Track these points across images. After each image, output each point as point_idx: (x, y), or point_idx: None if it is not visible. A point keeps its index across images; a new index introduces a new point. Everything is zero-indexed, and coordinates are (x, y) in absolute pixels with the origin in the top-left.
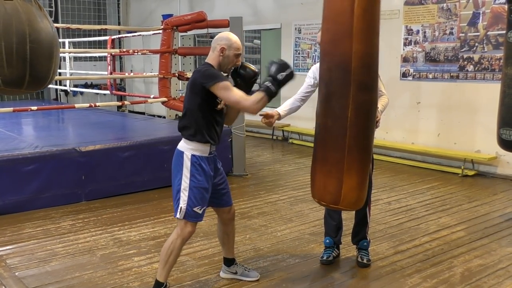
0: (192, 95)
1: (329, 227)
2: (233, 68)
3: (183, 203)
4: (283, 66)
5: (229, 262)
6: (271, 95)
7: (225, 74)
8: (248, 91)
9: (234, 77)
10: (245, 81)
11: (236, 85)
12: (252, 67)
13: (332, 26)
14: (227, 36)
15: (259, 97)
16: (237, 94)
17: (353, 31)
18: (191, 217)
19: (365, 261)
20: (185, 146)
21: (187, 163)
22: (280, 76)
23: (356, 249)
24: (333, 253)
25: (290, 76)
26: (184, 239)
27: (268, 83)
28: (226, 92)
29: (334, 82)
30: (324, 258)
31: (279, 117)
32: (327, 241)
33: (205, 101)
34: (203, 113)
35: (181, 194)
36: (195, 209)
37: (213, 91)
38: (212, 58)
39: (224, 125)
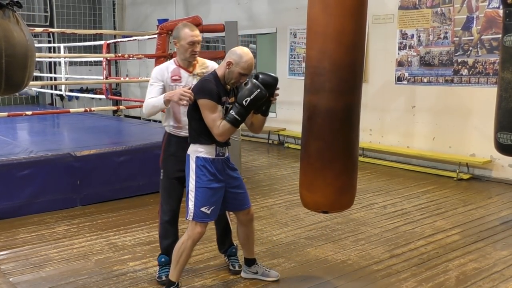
0: (194, 101)
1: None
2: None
3: (191, 204)
4: (249, 90)
5: (250, 262)
6: (237, 123)
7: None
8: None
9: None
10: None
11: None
12: (273, 75)
13: None
14: (240, 53)
15: (226, 127)
16: (212, 118)
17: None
18: (199, 217)
19: (236, 267)
20: (191, 149)
21: (192, 165)
22: (245, 102)
23: (225, 257)
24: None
25: (257, 99)
26: (195, 240)
27: (233, 113)
28: (205, 111)
29: None
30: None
31: None
32: (163, 259)
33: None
34: (201, 119)
35: (189, 195)
36: (202, 209)
37: (198, 104)
38: (220, 67)
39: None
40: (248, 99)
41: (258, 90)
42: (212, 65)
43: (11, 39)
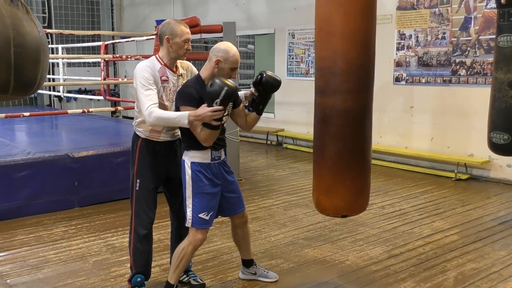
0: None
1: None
2: (258, 75)
3: (189, 211)
4: (216, 91)
5: (247, 263)
6: (214, 126)
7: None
8: (266, 101)
9: (255, 85)
10: (265, 89)
11: (259, 93)
12: (277, 77)
13: None
14: (225, 48)
15: (207, 132)
16: (194, 124)
17: None
18: (199, 224)
19: (200, 281)
20: (185, 156)
21: (188, 171)
22: (215, 104)
23: (183, 274)
24: None
25: (227, 96)
26: (196, 246)
27: None
28: None
29: None
30: None
31: None
32: (138, 279)
33: None
34: None
35: (187, 202)
36: (201, 215)
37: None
38: (206, 68)
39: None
40: (218, 100)
41: (225, 88)
42: (191, 65)
43: (20, 28)
